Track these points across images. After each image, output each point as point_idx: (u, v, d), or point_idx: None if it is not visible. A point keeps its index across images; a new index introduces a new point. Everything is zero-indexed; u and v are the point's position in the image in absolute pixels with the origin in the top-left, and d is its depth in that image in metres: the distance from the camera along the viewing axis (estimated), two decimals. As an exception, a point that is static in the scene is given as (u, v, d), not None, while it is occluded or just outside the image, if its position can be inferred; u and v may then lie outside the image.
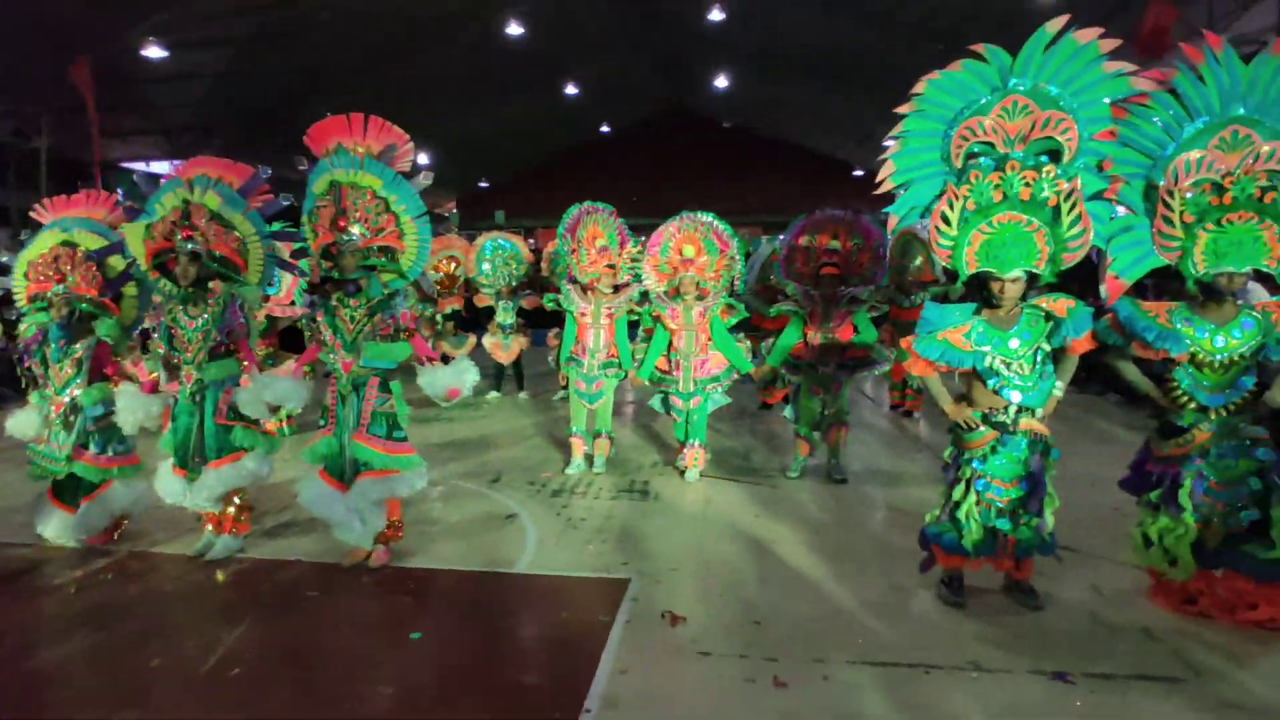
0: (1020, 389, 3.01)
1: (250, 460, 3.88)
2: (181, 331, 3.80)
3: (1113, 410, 7.74)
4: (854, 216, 5.21)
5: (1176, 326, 2.97)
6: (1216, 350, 2.95)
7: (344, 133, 3.68)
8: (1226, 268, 2.86)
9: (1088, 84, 2.93)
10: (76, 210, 4.29)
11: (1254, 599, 2.99)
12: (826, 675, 2.72)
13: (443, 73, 17.08)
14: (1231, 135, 2.85)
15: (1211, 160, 2.85)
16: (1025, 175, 2.89)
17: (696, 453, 5.27)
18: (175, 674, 2.80)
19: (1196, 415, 3.02)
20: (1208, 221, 2.85)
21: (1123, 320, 3.02)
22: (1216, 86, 2.84)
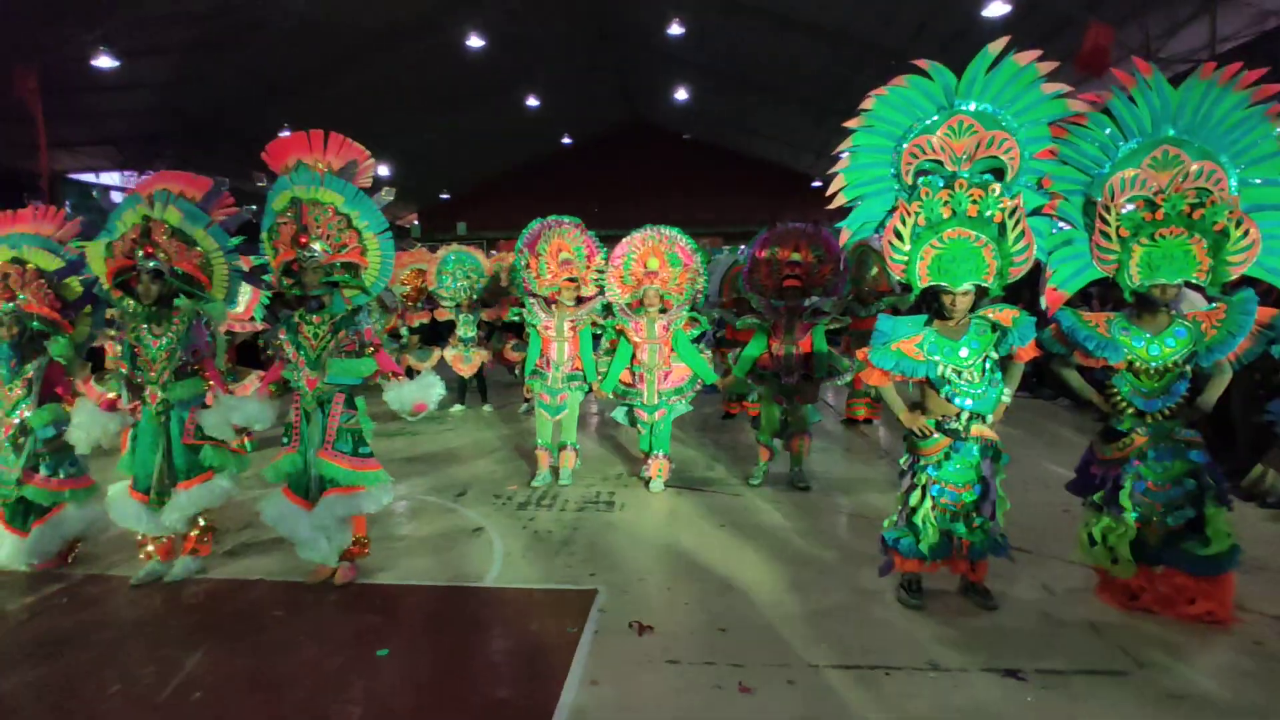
0: (971, 396, 3.14)
1: (221, 479, 3.84)
2: (145, 350, 3.74)
3: (1063, 414, 8.02)
4: (815, 229, 5.33)
5: (1115, 336, 3.14)
6: (1152, 358, 3.12)
7: (304, 149, 3.67)
8: (1160, 280, 3.03)
9: (1028, 105, 3.08)
10: (24, 226, 4.18)
11: (1193, 594, 3.15)
12: (791, 680, 2.78)
13: (401, 83, 16.99)
14: (1163, 154, 3.03)
15: (1144, 178, 3.03)
16: (973, 193, 3.03)
17: (661, 463, 5.33)
18: (134, 702, 2.74)
19: (1134, 420, 3.19)
20: (1142, 236, 3.03)
21: (1065, 330, 3.20)
22: (1148, 108, 3.03)
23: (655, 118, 25.29)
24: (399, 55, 15.55)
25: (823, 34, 13.93)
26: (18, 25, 11.40)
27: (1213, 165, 2.99)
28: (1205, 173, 2.99)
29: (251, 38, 13.47)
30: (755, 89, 18.68)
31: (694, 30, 15.10)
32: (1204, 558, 3.10)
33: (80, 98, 14.51)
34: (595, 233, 5.57)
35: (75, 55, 12.28)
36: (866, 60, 13.94)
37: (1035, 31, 11.20)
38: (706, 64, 18.05)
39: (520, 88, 19.07)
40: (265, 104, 16.17)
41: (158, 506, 3.74)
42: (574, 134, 24.98)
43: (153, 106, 15.63)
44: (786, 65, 16.23)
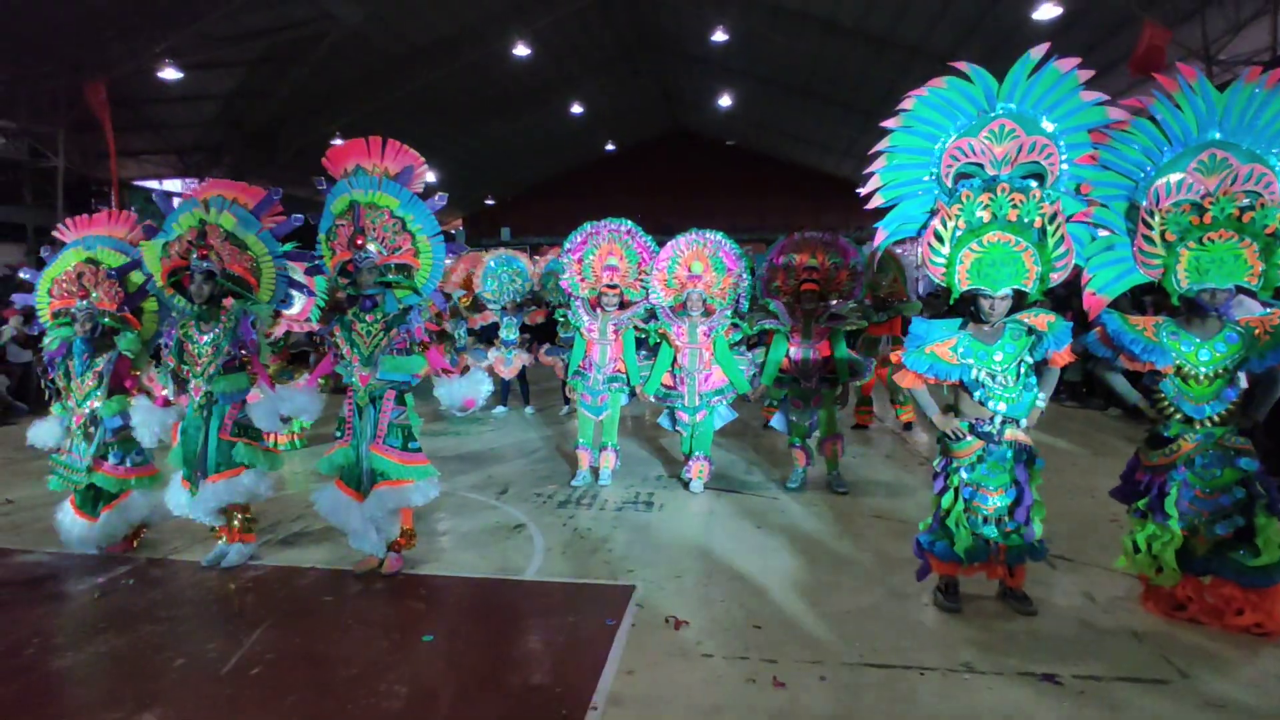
0: (1004, 400, 3.14)
1: (247, 477, 3.96)
2: (193, 346, 3.95)
3: (1112, 424, 7.84)
4: (831, 237, 5.38)
5: (1162, 340, 3.09)
6: (1201, 363, 3.07)
7: (363, 155, 3.83)
8: (1209, 284, 2.99)
9: (1069, 110, 3.08)
10: (99, 229, 4.46)
11: (1240, 605, 3.09)
12: (824, 676, 2.82)
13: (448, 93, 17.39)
14: (1210, 158, 3.00)
15: (1191, 182, 3.00)
16: (1013, 198, 3.03)
17: (701, 465, 5.38)
18: (198, 674, 2.92)
19: (1182, 426, 3.14)
20: (1189, 240, 2.99)
21: (1111, 334, 3.16)
22: (1193, 112, 3.01)
23: (698, 124, 25.38)
24: (447, 66, 15.94)
25: (868, 38, 13.85)
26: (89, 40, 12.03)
27: (1263, 169, 2.95)
28: (1255, 175, 2.95)
29: (307, 52, 13.97)
30: (799, 94, 18.63)
31: (737, 36, 15.15)
32: (1253, 568, 3.04)
33: (146, 109, 15.22)
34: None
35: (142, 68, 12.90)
36: (912, 64, 13.80)
37: (1089, 33, 10.99)
38: (750, 70, 18.07)
39: (564, 95, 19.34)
40: (319, 115, 16.72)
41: (194, 495, 3.93)
42: (617, 140, 25.20)
43: (213, 117, 16.30)
44: (830, 70, 16.17)
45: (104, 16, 11.47)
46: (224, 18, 12.28)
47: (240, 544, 4.08)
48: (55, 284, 4.29)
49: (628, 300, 5.54)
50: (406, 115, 16.97)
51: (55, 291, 4.29)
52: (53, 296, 4.31)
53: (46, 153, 13.60)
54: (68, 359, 4.26)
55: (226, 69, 14.49)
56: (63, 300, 4.28)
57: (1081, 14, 10.74)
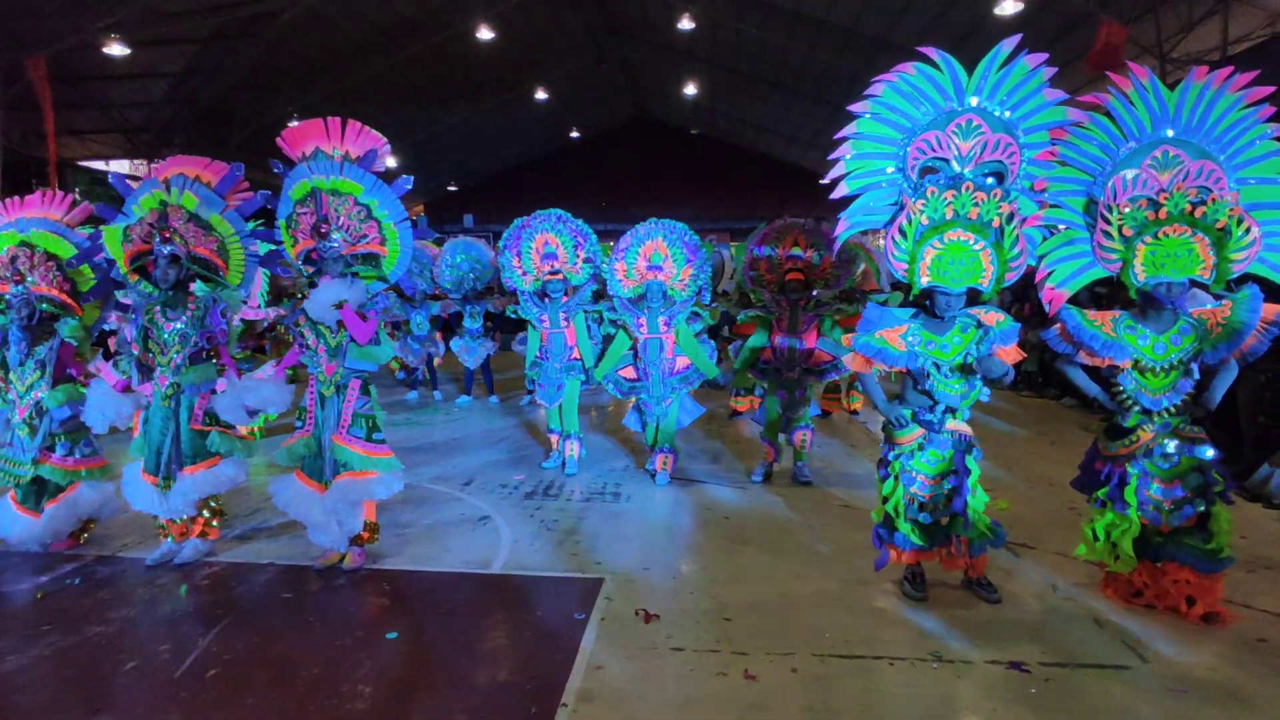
0: (948, 390, 3.21)
1: (227, 465, 3.87)
2: (159, 334, 3.79)
3: (1068, 413, 8.03)
4: (814, 224, 5.36)
5: (1120, 335, 3.15)
6: (1157, 356, 3.14)
7: (321, 137, 3.69)
8: (1164, 278, 3.05)
9: (1032, 109, 3.11)
10: (32, 211, 4.22)
11: (1193, 590, 3.16)
12: (795, 668, 2.82)
13: (410, 75, 17.00)
14: (1163, 155, 3.07)
15: (1146, 178, 3.06)
16: (976, 196, 3.07)
17: (666, 457, 5.37)
18: (150, 677, 2.80)
19: (1141, 417, 3.21)
20: (1145, 235, 3.05)
21: (1070, 330, 3.21)
22: (1146, 110, 3.07)
23: (664, 113, 25.25)
24: (407, 47, 15.55)
25: (833, 30, 13.90)
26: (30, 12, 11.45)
27: (1211, 165, 3.03)
28: (1205, 172, 3.03)
29: (262, 29, 13.51)
30: (765, 85, 18.63)
31: (704, 25, 15.08)
32: (1206, 553, 3.12)
33: (91, 86, 14.58)
34: (600, 225, 5.60)
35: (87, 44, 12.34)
36: (878, 57, 13.90)
37: (1048, 29, 11.17)
38: (716, 59, 18.02)
39: (529, 81, 19.05)
40: (274, 95, 16.21)
41: (166, 489, 3.78)
42: (582, 128, 24.96)
43: (163, 96, 15.68)
44: (797, 61, 16.20)
45: (44, -13, 10.93)
46: (174, -9, 11.80)
47: (198, 540, 3.94)
48: None
49: (571, 286, 5.49)
50: (367, 98, 16.55)
51: (-13, 276, 4.07)
52: None
53: (-18, 130, 12.96)
54: (3, 348, 4.05)
55: (176, 45, 13.93)
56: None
57: (1041, 10, 10.91)
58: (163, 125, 16.49)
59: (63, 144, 14.73)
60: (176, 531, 3.93)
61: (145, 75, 14.63)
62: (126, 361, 4.01)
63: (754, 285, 5.37)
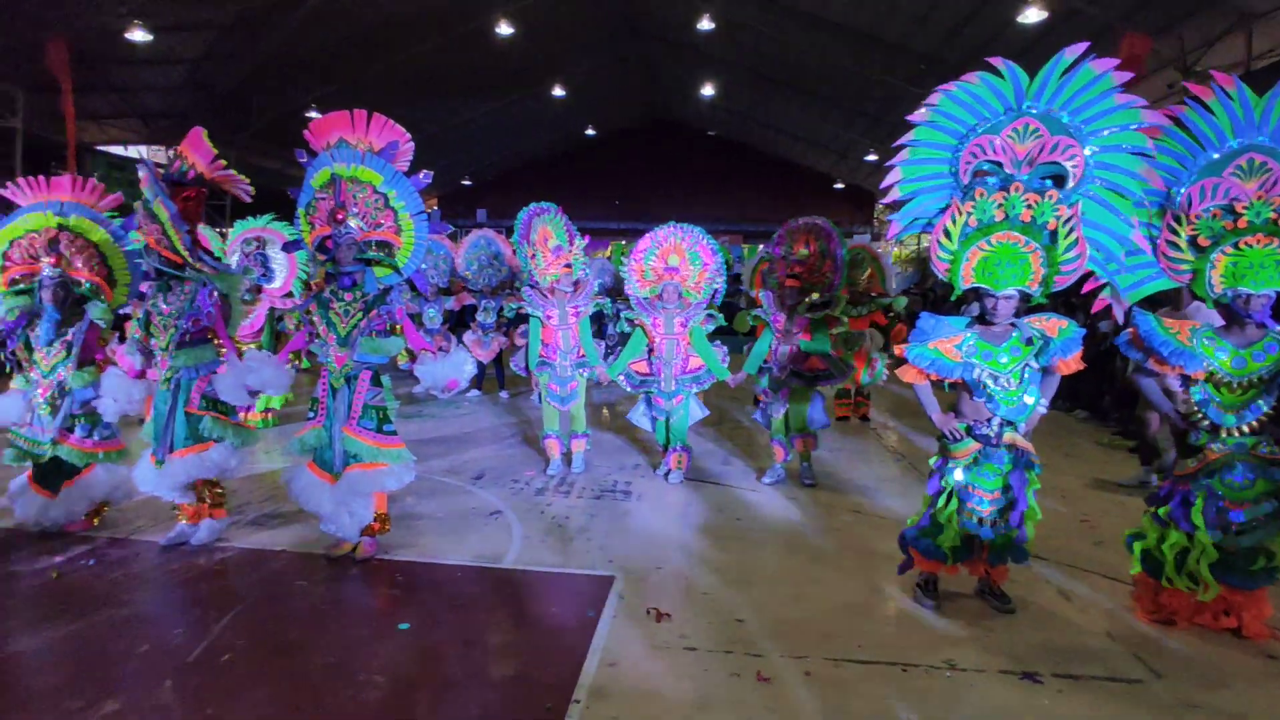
0: (1005, 403, 3.11)
1: (216, 452, 3.85)
2: (159, 318, 3.84)
3: (1079, 425, 7.98)
4: (824, 224, 5.31)
5: (1196, 345, 3.05)
6: (1235, 371, 3.03)
7: (346, 128, 3.70)
8: (1243, 289, 2.97)
9: (1100, 112, 2.94)
10: (68, 195, 4.23)
11: (1227, 605, 3.11)
12: (809, 671, 2.81)
13: (428, 68, 17.02)
14: (1248, 163, 2.96)
15: (1228, 187, 2.97)
16: (1029, 198, 2.95)
17: (679, 456, 5.36)
18: (164, 661, 2.80)
19: (1210, 434, 3.10)
20: (1224, 245, 2.97)
21: (1142, 335, 3.12)
22: (1228, 118, 2.96)
23: (681, 113, 25.21)
24: (428, 41, 15.58)
25: (854, 34, 13.83)
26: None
27: None
28: None
29: (283, 18, 13.55)
30: (783, 88, 18.59)
31: (724, 26, 15.04)
32: (1244, 570, 3.06)
33: (110, 70, 14.65)
34: (615, 224, 5.61)
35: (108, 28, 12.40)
36: (898, 63, 13.85)
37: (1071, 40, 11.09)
38: (735, 60, 17.98)
39: (546, 77, 19.04)
40: (294, 84, 16.26)
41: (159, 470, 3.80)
42: (598, 126, 24.94)
43: (181, 82, 15.74)
44: (816, 65, 16.14)
45: (69, -28, 11.00)
46: (196, -22, 11.86)
47: (210, 520, 3.97)
48: (14, 246, 4.08)
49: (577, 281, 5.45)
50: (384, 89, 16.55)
51: (16, 255, 4.09)
52: (10, 260, 4.10)
53: (4, 114, 13.04)
54: (28, 329, 4.07)
55: (197, 31, 13.99)
56: (24, 265, 4.08)
57: (1064, 20, 10.84)
58: (180, 111, 16.55)
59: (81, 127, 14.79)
60: (190, 513, 3.95)
61: (164, 61, 14.69)
62: (131, 347, 4.04)
63: (765, 287, 5.35)
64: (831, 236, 5.22)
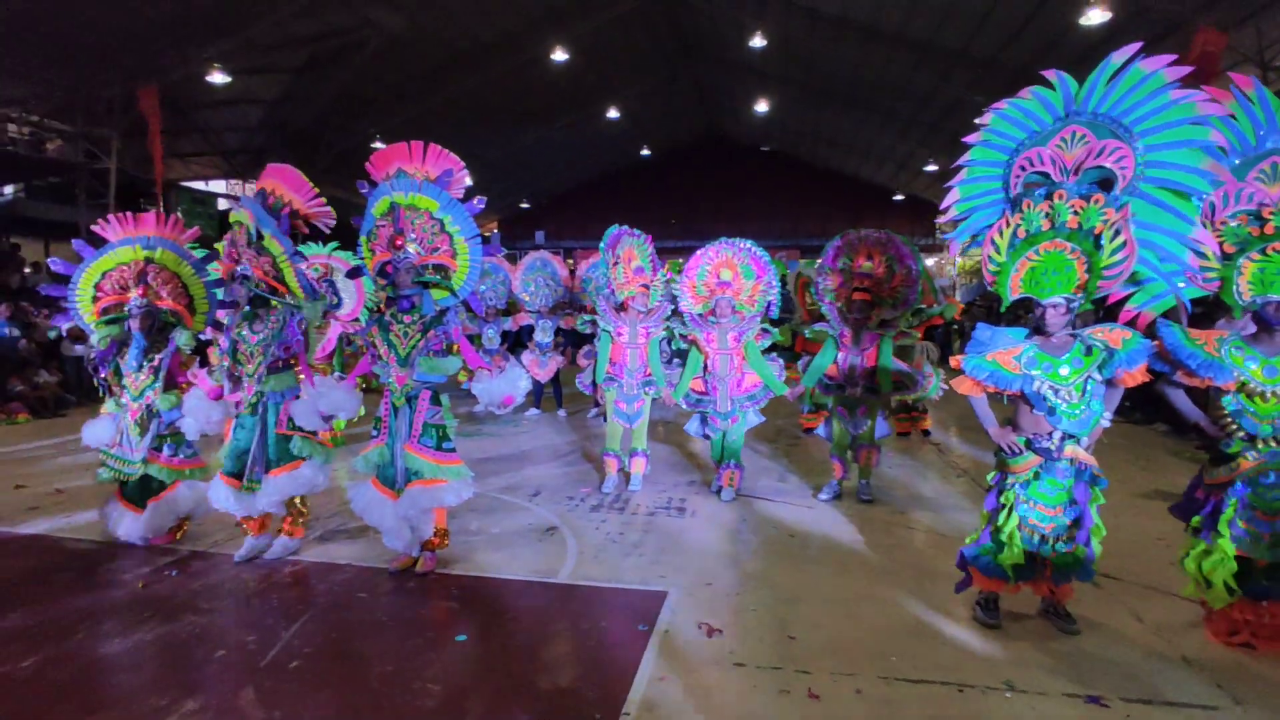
0: (1067, 415, 3.01)
1: (308, 468, 4.07)
2: (245, 346, 4.08)
3: (1158, 439, 7.62)
4: (887, 236, 5.24)
5: (1224, 355, 2.96)
6: (1268, 380, 2.93)
7: (404, 159, 3.89)
8: (1274, 296, 2.87)
9: (1151, 110, 2.82)
10: (151, 230, 4.54)
11: None
12: (859, 689, 2.77)
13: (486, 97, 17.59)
14: (1271, 167, 2.89)
15: (1251, 192, 2.88)
16: (1074, 204, 2.90)
17: (733, 473, 5.35)
18: (238, 665, 2.97)
19: (1244, 444, 3.01)
20: (1251, 251, 2.88)
21: (1168, 347, 3.03)
22: (1250, 122, 2.90)
23: (734, 130, 25.29)
24: (485, 70, 16.12)
25: (909, 43, 13.67)
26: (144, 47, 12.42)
27: None
28: None
29: (350, 58, 14.25)
30: (837, 101, 18.46)
31: (776, 42, 15.07)
32: None
33: (195, 113, 15.65)
34: (671, 243, 5.68)
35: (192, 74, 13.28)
36: (955, 70, 13.61)
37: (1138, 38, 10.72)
38: (787, 76, 17.97)
39: (601, 100, 19.42)
40: (360, 119, 17.04)
41: (249, 491, 4.01)
42: (653, 146, 25.22)
43: (258, 121, 16.71)
44: (870, 76, 15.99)
45: (159, 25, 11.82)
46: (272, 25, 12.59)
47: (285, 538, 4.17)
48: (106, 278, 4.41)
49: (651, 305, 5.53)
50: (445, 119, 17.20)
51: (107, 286, 4.41)
52: (102, 292, 4.42)
53: (100, 155, 14.05)
54: (118, 356, 4.38)
55: (272, 74, 14.85)
56: (115, 296, 4.39)
57: (1131, 19, 10.48)
58: (257, 148, 17.53)
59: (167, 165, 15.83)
60: (254, 527, 4.15)
61: (242, 101, 15.61)
62: (219, 371, 4.29)
63: (823, 300, 5.31)
64: (900, 248, 5.16)
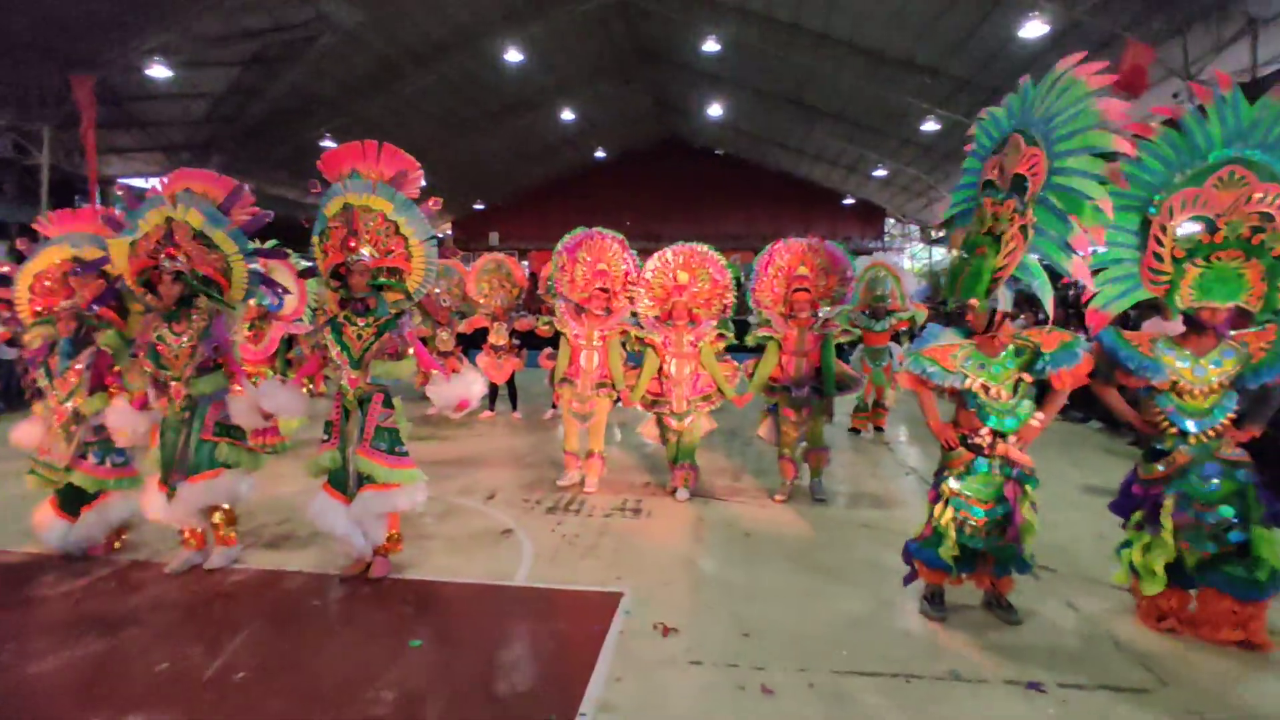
0: (996, 413, 3.15)
1: (227, 478, 3.91)
2: (168, 348, 3.85)
3: (1093, 436, 7.93)
4: (819, 242, 5.38)
5: (1158, 356, 3.10)
6: (1197, 380, 3.09)
7: (358, 159, 3.83)
8: (1210, 302, 3.00)
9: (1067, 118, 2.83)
10: (85, 225, 4.38)
11: (1235, 618, 3.10)
12: (813, 684, 2.83)
13: (441, 96, 17.38)
14: (1229, 175, 2.94)
15: (1206, 199, 2.97)
16: (995, 210, 3.05)
17: (687, 473, 5.39)
18: (181, 679, 2.88)
19: (1177, 440, 3.15)
20: (1198, 257, 3.00)
21: (1106, 349, 3.18)
22: (1220, 125, 2.95)
23: (689, 133, 25.47)
24: (440, 71, 15.93)
25: (859, 51, 13.97)
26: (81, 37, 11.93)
27: (1279, 188, 2.90)
28: (1271, 195, 2.90)
29: (301, 54, 13.93)
30: (790, 105, 18.74)
31: (729, 47, 15.24)
32: (1247, 581, 3.06)
33: (134, 106, 15.09)
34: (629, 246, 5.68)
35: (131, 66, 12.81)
36: (902, 77, 13.95)
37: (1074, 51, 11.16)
38: (741, 80, 18.18)
39: (556, 102, 19.36)
40: (311, 116, 16.66)
41: (172, 498, 3.84)
42: (608, 148, 25.25)
43: (202, 116, 16.18)
44: (821, 82, 16.29)
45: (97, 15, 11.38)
46: (218, 18, 12.23)
47: (223, 548, 4.04)
48: (37, 280, 4.23)
49: (611, 308, 5.56)
50: (398, 118, 16.94)
51: (38, 289, 4.23)
52: (34, 294, 4.24)
53: (31, 149, 13.46)
54: (49, 357, 4.20)
55: (218, 68, 14.41)
56: (45, 298, 4.22)
57: (1068, 32, 10.90)
58: (201, 144, 16.99)
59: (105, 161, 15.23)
60: (198, 539, 4.01)
61: (185, 95, 15.11)
62: (141, 378, 4.05)
63: (759, 305, 5.39)
64: (837, 257, 5.30)
